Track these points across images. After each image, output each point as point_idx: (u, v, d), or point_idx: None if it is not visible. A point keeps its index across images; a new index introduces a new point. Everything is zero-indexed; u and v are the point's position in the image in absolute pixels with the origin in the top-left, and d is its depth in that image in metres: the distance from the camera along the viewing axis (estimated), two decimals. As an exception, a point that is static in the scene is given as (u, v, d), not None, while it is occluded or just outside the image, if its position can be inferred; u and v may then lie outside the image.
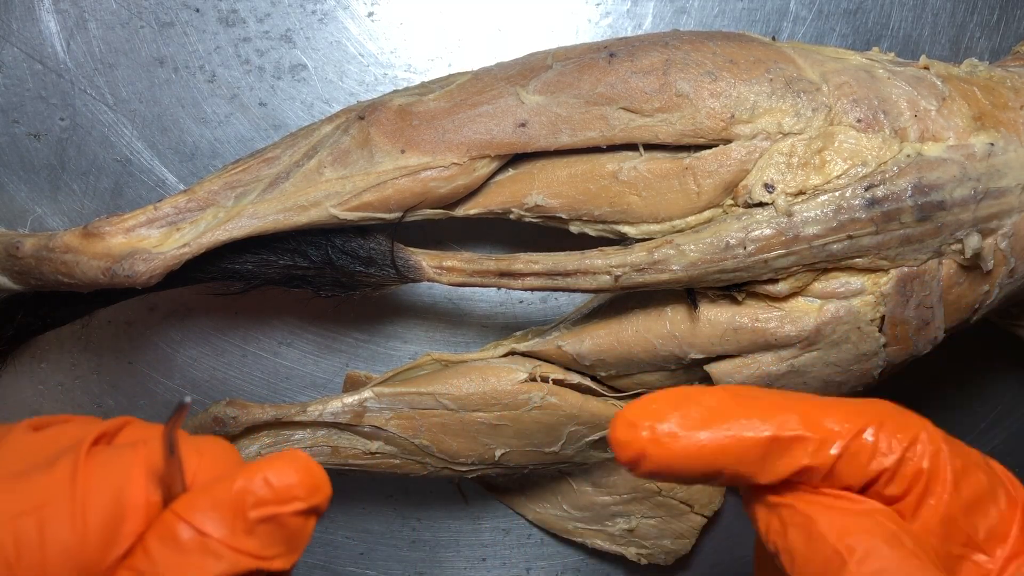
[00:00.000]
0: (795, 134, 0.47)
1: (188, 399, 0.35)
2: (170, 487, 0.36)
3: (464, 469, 0.54)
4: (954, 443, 0.38)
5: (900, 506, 0.37)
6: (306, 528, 0.36)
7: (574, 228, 0.50)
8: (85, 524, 0.35)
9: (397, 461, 0.54)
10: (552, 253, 0.50)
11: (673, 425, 0.37)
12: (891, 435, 0.37)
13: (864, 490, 0.38)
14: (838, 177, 0.46)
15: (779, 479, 0.37)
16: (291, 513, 0.36)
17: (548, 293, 0.60)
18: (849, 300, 0.48)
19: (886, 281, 0.48)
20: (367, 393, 0.53)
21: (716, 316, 0.49)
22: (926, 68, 0.50)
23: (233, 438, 0.53)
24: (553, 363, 0.53)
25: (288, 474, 0.36)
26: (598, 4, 0.59)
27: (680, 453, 0.37)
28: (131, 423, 0.40)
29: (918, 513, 0.37)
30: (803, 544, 0.37)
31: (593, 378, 0.53)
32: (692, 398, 0.38)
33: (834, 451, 0.37)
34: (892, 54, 0.52)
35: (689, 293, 0.49)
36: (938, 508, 0.37)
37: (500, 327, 0.60)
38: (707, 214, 0.48)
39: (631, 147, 0.49)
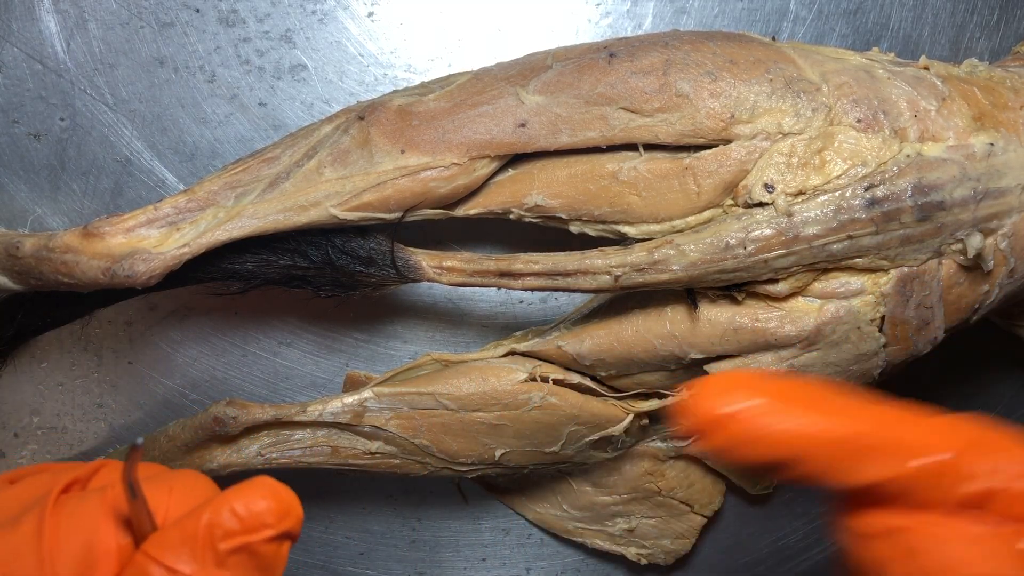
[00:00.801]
0: (795, 134, 0.47)
1: (140, 440, 0.35)
2: (140, 528, 0.36)
3: (464, 469, 0.54)
4: None
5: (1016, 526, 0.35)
6: (279, 553, 0.36)
7: (574, 228, 0.51)
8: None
9: (397, 461, 0.54)
10: (552, 253, 0.50)
11: (755, 404, 0.35)
12: (986, 454, 0.35)
13: (966, 514, 0.35)
14: (838, 177, 0.46)
15: (853, 485, 0.35)
16: (262, 541, 0.35)
17: (548, 293, 0.60)
18: (849, 300, 0.48)
19: (886, 281, 0.48)
20: (367, 393, 0.53)
21: (716, 316, 0.49)
22: (926, 68, 0.50)
23: (233, 438, 0.53)
24: (553, 363, 0.53)
25: (255, 502, 0.36)
26: (598, 4, 0.59)
27: (754, 434, 0.35)
28: (106, 465, 0.40)
29: None
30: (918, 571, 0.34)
31: (593, 378, 0.53)
32: (778, 383, 0.36)
33: (926, 461, 0.35)
34: (892, 54, 0.52)
35: (689, 293, 0.49)
36: None
37: (500, 327, 0.60)
38: (707, 214, 0.48)
39: (631, 147, 0.49)
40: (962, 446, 0.35)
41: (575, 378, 0.53)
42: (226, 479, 0.50)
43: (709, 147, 0.48)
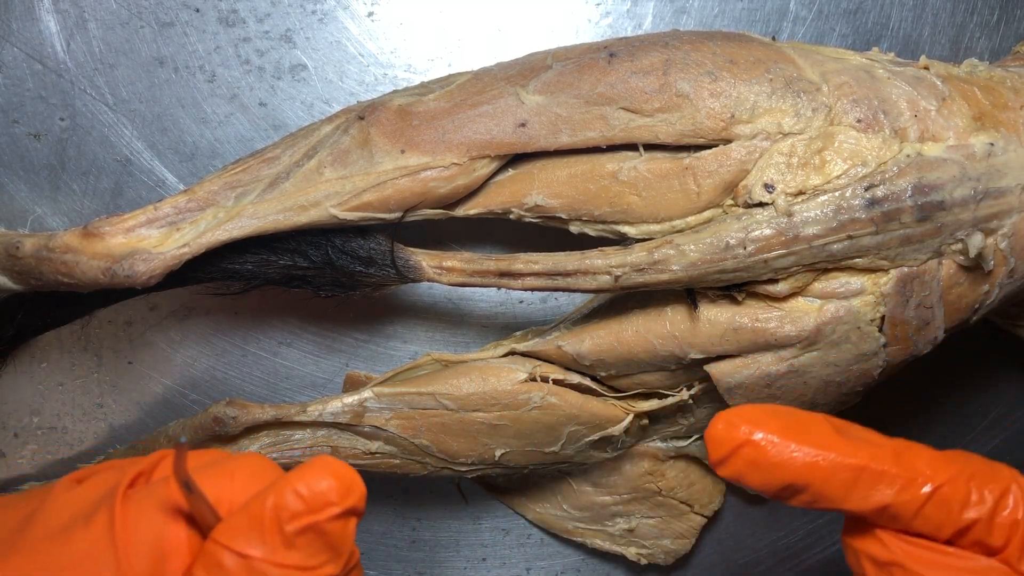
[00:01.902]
0: (795, 134, 0.47)
1: (184, 439, 0.35)
2: (203, 520, 0.36)
3: (464, 469, 0.54)
4: None
5: (1004, 556, 0.37)
6: (347, 530, 0.37)
7: (574, 228, 0.50)
8: (131, 571, 0.35)
9: (397, 461, 0.54)
10: (552, 253, 0.50)
11: (771, 432, 0.39)
12: (983, 485, 0.38)
13: (959, 543, 0.38)
14: (838, 177, 0.46)
15: (864, 510, 0.38)
16: (328, 519, 0.36)
17: (548, 293, 0.60)
18: (849, 300, 0.48)
19: (886, 281, 0.48)
20: (367, 393, 0.53)
21: (716, 316, 0.49)
22: (926, 68, 0.50)
23: (233, 438, 0.53)
24: (553, 363, 0.53)
25: (318, 482, 0.36)
26: (598, 4, 0.59)
27: (772, 459, 0.38)
28: (167, 456, 0.40)
29: (1022, 563, 0.37)
30: None
31: (593, 378, 0.53)
32: (792, 414, 0.40)
33: (925, 490, 0.38)
34: (892, 54, 0.52)
35: (689, 293, 0.49)
36: None
37: (500, 327, 0.60)
38: (707, 214, 0.48)
39: (631, 147, 0.49)
40: (954, 476, 0.38)
41: (575, 378, 0.53)
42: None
43: (709, 147, 0.48)
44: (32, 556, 0.36)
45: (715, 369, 0.50)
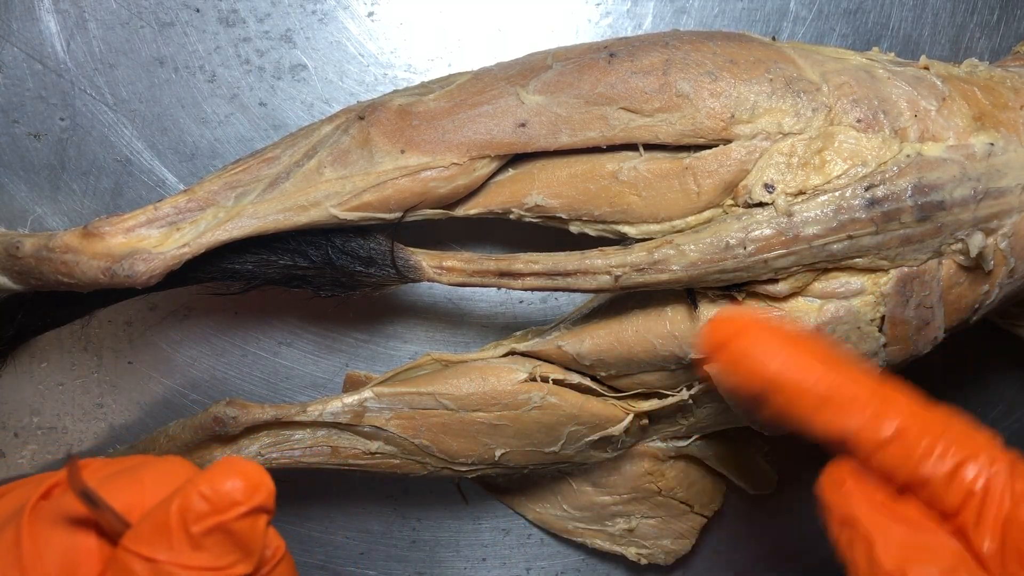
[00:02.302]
0: (795, 134, 0.47)
1: (74, 452, 0.35)
2: (112, 530, 0.36)
3: (464, 469, 0.54)
4: (1020, 467, 0.38)
5: (959, 522, 0.37)
6: (255, 529, 0.37)
7: (574, 228, 0.51)
8: None
9: (397, 461, 0.54)
10: (552, 253, 0.50)
11: (762, 333, 0.39)
12: (951, 444, 0.37)
13: (917, 495, 0.37)
14: (838, 177, 0.46)
15: (827, 433, 0.38)
16: (234, 518, 0.36)
17: (548, 293, 0.60)
18: (849, 300, 0.48)
19: (886, 281, 0.48)
20: (367, 393, 0.53)
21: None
22: (926, 68, 0.50)
23: (233, 438, 0.53)
24: (553, 363, 0.53)
25: (222, 482, 0.36)
26: (598, 4, 0.59)
27: (754, 359, 0.39)
28: (84, 466, 0.40)
29: (977, 532, 0.37)
30: (864, 564, 0.37)
31: (593, 378, 0.53)
32: (789, 328, 0.41)
33: (888, 431, 0.37)
34: (892, 54, 0.52)
35: (689, 293, 0.49)
36: (995, 531, 0.36)
37: (500, 327, 0.60)
38: (707, 214, 0.48)
39: (631, 147, 0.49)
40: (925, 426, 0.38)
41: (575, 378, 0.53)
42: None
43: (709, 147, 0.48)
44: None
45: (715, 369, 0.50)
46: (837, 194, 0.46)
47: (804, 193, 0.47)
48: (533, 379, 0.52)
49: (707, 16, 0.59)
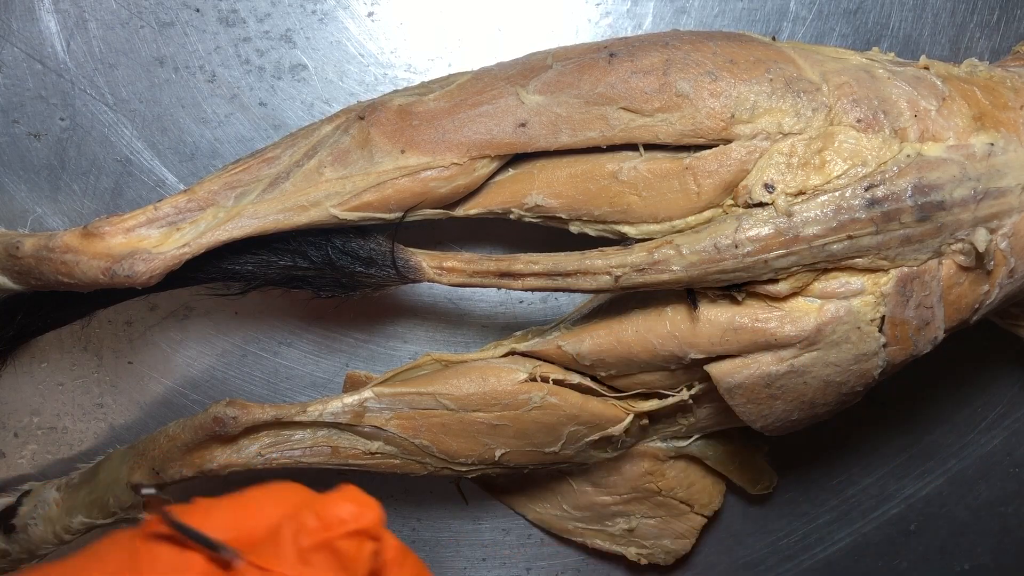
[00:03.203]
0: (795, 134, 0.47)
1: (151, 490, 0.39)
2: (214, 555, 0.38)
3: (464, 469, 0.54)
4: None
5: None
6: (360, 551, 0.39)
7: (574, 228, 0.50)
8: None
9: (397, 461, 0.54)
10: (552, 253, 0.50)
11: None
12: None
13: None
14: (838, 177, 0.46)
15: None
16: (340, 536, 0.39)
17: (548, 293, 0.60)
18: (849, 300, 0.48)
19: (886, 281, 0.48)
20: (367, 393, 0.53)
21: (716, 316, 0.49)
22: (926, 68, 0.50)
23: (233, 438, 0.53)
24: (553, 363, 0.53)
25: (334, 504, 0.39)
26: (598, 4, 0.59)
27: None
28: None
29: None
30: None
31: (593, 378, 0.53)
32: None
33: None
34: (892, 54, 0.52)
35: (689, 293, 0.49)
36: None
37: (500, 327, 0.60)
38: (707, 214, 0.48)
39: (631, 147, 0.49)
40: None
41: (575, 378, 0.53)
42: (226, 479, 0.50)
43: (709, 147, 0.48)
44: None
45: (715, 369, 0.50)
46: (837, 194, 0.46)
47: (804, 193, 0.47)
48: (533, 379, 0.52)
49: (707, 16, 0.59)
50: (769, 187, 0.47)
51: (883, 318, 0.48)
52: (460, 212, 0.51)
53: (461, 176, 0.49)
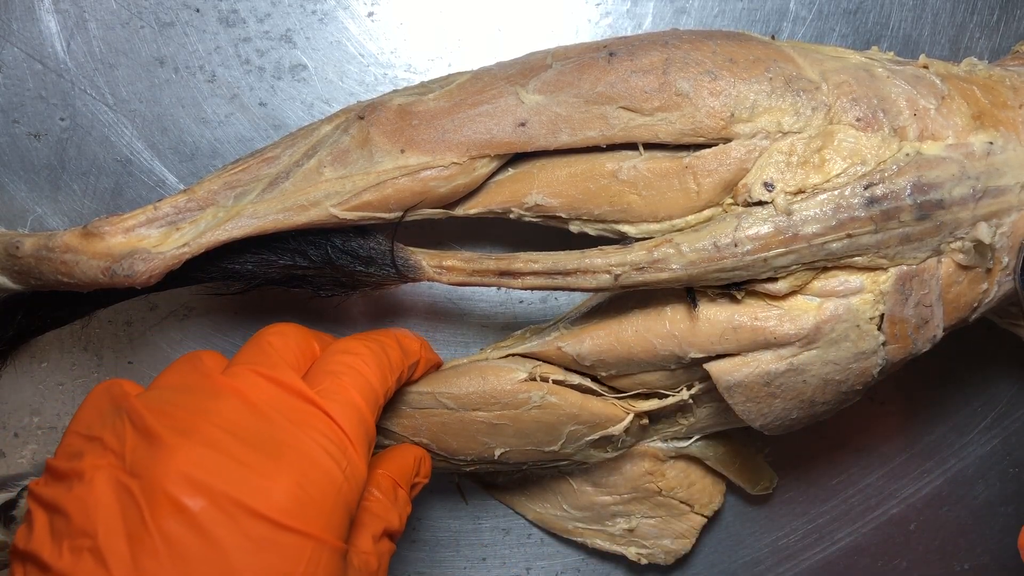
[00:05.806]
0: (795, 133, 0.47)
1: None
2: None
3: (464, 466, 0.54)
4: None
5: None
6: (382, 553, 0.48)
7: (574, 227, 0.51)
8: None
9: (397, 461, 0.54)
10: (552, 253, 0.50)
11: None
12: None
13: None
14: (837, 176, 0.46)
15: None
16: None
17: (548, 293, 0.60)
18: (848, 298, 0.48)
19: (885, 280, 0.48)
20: (367, 393, 0.53)
21: (716, 315, 0.49)
22: (925, 67, 0.50)
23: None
24: (553, 364, 0.53)
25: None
26: (598, 4, 0.59)
27: None
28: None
29: None
30: None
31: (593, 378, 0.53)
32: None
33: None
34: (891, 53, 0.52)
35: (689, 292, 0.49)
36: None
37: (500, 327, 0.60)
38: (707, 213, 0.48)
39: (631, 146, 0.49)
40: None
41: (575, 378, 0.53)
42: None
43: (709, 146, 0.48)
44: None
45: (715, 368, 0.50)
46: (836, 193, 0.46)
47: (803, 192, 0.47)
48: (533, 379, 0.52)
49: (707, 16, 0.59)
50: (769, 186, 0.47)
51: (882, 316, 0.48)
52: (460, 212, 0.51)
53: (461, 176, 0.49)
